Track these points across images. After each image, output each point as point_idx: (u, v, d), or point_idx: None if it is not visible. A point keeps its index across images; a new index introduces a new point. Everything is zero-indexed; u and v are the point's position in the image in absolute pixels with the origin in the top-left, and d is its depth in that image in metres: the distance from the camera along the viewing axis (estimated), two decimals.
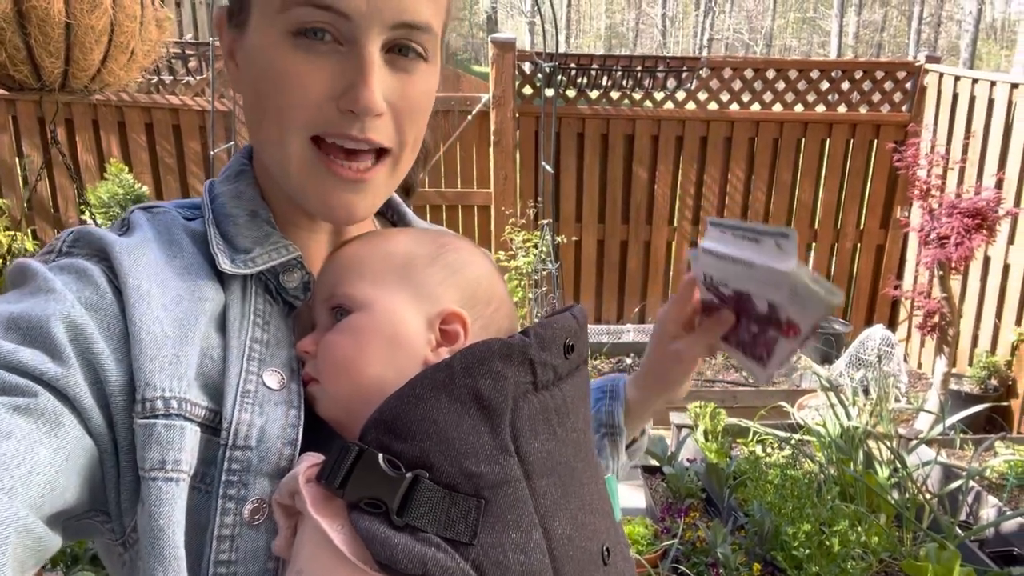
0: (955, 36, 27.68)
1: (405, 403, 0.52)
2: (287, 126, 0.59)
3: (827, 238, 4.86)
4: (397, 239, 0.65)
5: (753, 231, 0.66)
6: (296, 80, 0.57)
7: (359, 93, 0.57)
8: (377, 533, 0.49)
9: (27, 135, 4.47)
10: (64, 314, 0.53)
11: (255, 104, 0.61)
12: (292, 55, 0.57)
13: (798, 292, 0.64)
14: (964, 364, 4.17)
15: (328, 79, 0.58)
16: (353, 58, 0.57)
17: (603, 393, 0.88)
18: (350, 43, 0.58)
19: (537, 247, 4.21)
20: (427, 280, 0.61)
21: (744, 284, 0.69)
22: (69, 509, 0.52)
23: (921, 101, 4.57)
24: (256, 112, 0.61)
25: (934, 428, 3.07)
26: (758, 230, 0.66)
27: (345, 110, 0.58)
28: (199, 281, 0.59)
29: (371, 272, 0.61)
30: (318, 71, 0.57)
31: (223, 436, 0.55)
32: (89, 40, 1.90)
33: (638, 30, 32.35)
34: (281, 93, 0.58)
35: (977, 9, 20.72)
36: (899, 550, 2.28)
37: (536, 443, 0.54)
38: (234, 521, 0.54)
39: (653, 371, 0.84)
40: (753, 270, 0.66)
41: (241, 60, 0.63)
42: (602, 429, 0.86)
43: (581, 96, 4.61)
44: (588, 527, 0.56)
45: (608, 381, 0.90)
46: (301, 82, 0.57)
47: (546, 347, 0.56)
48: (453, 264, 0.63)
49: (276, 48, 0.58)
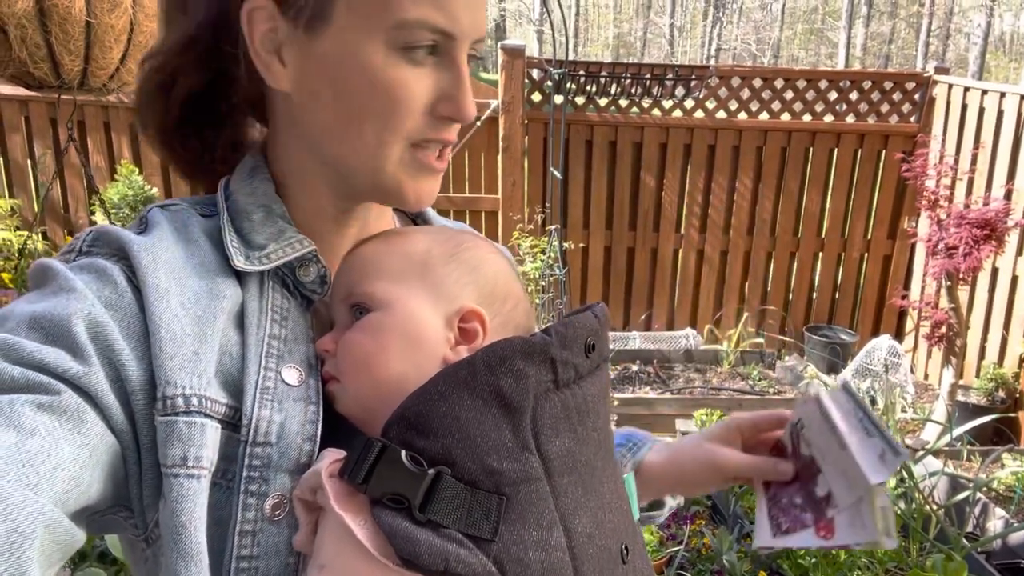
0: (964, 49, 27.67)
1: (428, 400, 0.53)
2: (390, 133, 0.61)
3: (834, 248, 4.85)
4: (415, 237, 0.66)
5: (873, 425, 0.62)
6: (403, 91, 0.60)
7: (462, 104, 0.62)
8: (400, 529, 0.49)
9: (39, 136, 4.50)
10: (85, 313, 0.53)
11: (343, 111, 0.61)
12: (397, 66, 0.59)
13: (861, 507, 0.61)
14: (971, 376, 4.15)
15: (431, 88, 0.61)
16: (451, 69, 0.61)
17: (626, 440, 0.82)
18: (446, 55, 0.61)
19: (544, 253, 4.22)
20: (445, 278, 0.62)
21: (825, 458, 0.65)
22: (93, 505, 0.53)
23: (930, 112, 4.57)
24: (345, 120, 0.61)
25: (941, 439, 3.06)
26: (878, 427, 0.62)
27: (445, 116, 0.62)
28: (217, 278, 0.60)
29: (390, 271, 0.62)
30: (422, 81, 0.60)
31: (243, 432, 0.56)
32: (109, 39, 1.93)
33: (646, 39, 32.42)
34: (385, 103, 0.60)
35: (986, 22, 20.71)
36: (905, 561, 2.27)
37: (557, 441, 0.55)
38: (255, 516, 0.55)
39: (682, 453, 0.78)
40: (844, 454, 0.62)
41: (306, 63, 0.61)
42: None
43: (590, 103, 4.62)
44: (608, 525, 0.57)
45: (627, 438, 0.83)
46: (409, 92, 0.60)
47: (567, 346, 0.56)
48: (471, 262, 0.64)
49: (377, 57, 0.59)
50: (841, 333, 4.83)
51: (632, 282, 4.87)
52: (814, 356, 4.66)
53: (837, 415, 0.64)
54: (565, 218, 4.66)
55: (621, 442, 0.81)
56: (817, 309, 4.97)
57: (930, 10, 25.20)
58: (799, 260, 4.88)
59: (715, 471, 0.73)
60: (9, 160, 4.55)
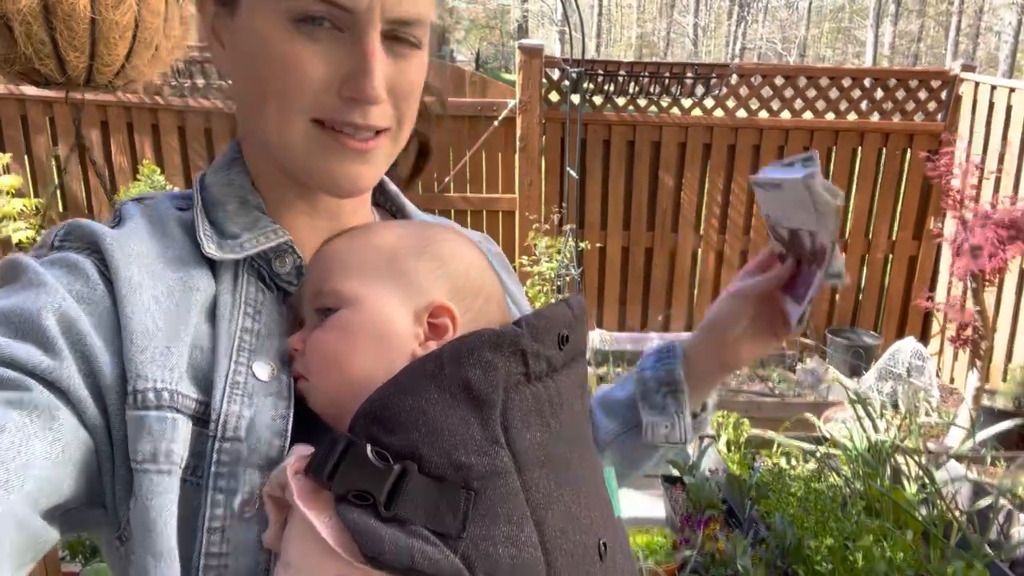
0: (994, 47, 27.17)
1: (393, 394, 0.52)
2: (289, 109, 0.59)
3: (858, 249, 4.77)
4: (383, 232, 0.65)
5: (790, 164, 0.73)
6: (297, 64, 0.57)
7: (363, 83, 0.58)
8: (364, 525, 0.48)
9: (64, 137, 4.57)
10: (56, 307, 0.53)
11: (252, 88, 0.61)
12: (292, 40, 0.57)
13: (816, 198, 0.69)
14: (997, 379, 4.06)
15: (329, 64, 0.58)
16: (354, 46, 0.58)
17: (660, 354, 0.85)
18: (350, 30, 0.58)
19: (560, 253, 4.20)
20: (414, 273, 0.61)
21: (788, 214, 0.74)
22: (66, 502, 0.52)
23: (956, 110, 4.48)
24: (254, 96, 0.61)
25: (965, 444, 2.99)
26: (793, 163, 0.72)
27: (347, 97, 0.58)
28: (191, 271, 0.59)
29: (357, 267, 0.61)
30: (319, 56, 0.58)
31: (212, 428, 0.55)
32: (114, 35, 1.93)
33: (669, 39, 32.25)
34: (282, 77, 0.58)
35: (1017, 19, 20.33)
36: (925, 568, 2.21)
37: (528, 435, 0.53)
38: (224, 513, 0.54)
39: (711, 316, 0.82)
40: (784, 189, 0.72)
41: (231, 41, 0.62)
42: (663, 388, 0.82)
43: (608, 102, 4.59)
44: (583, 521, 0.55)
45: (664, 344, 0.87)
46: (302, 66, 0.57)
47: (539, 337, 0.55)
48: (440, 256, 0.63)
49: (275, 32, 0.58)
50: (864, 336, 4.75)
51: (650, 283, 4.83)
52: (836, 359, 4.59)
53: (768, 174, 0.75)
54: (582, 218, 4.64)
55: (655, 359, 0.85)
56: (840, 311, 4.89)
57: (960, 8, 24.77)
58: None
59: (744, 303, 0.79)
60: (34, 160, 4.63)
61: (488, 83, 4.70)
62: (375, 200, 0.78)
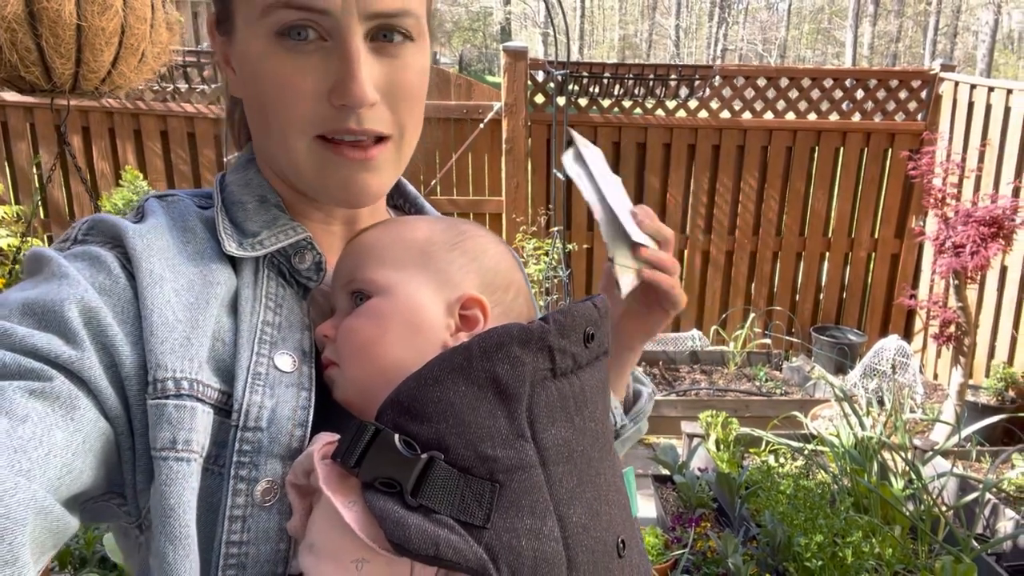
0: (971, 47, 27.52)
1: (422, 385, 0.52)
2: (289, 128, 0.60)
3: (841, 247, 4.82)
4: (417, 225, 0.66)
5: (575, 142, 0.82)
6: (286, 81, 0.58)
7: (348, 87, 0.58)
8: (390, 513, 0.48)
9: (44, 143, 4.52)
10: (78, 298, 0.53)
11: (256, 109, 0.62)
12: (279, 57, 0.58)
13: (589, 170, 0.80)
14: (981, 375, 4.11)
15: (317, 76, 0.59)
16: (338, 52, 0.58)
17: None
18: (334, 37, 0.58)
19: (548, 254, 4.21)
20: (447, 266, 0.62)
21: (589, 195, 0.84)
22: (86, 491, 0.53)
23: (936, 110, 4.54)
24: (259, 116, 0.62)
25: (950, 439, 3.03)
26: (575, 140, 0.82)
27: (339, 105, 0.59)
28: (211, 266, 0.60)
29: (391, 257, 0.62)
30: (305, 70, 0.58)
31: (234, 417, 0.56)
32: (99, 42, 1.91)
33: (651, 41, 32.37)
34: (277, 94, 0.59)
35: (994, 19, 20.61)
36: (914, 563, 2.24)
37: (553, 430, 0.54)
38: (245, 502, 0.55)
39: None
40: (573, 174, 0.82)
41: (236, 67, 0.64)
42: None
43: (593, 104, 4.61)
44: (604, 518, 0.56)
45: None
46: (291, 83, 0.58)
47: (566, 334, 0.56)
48: (472, 251, 0.64)
49: (264, 51, 0.59)
50: (849, 333, 4.80)
51: None
52: (821, 357, 4.63)
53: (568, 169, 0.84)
54: (569, 220, 4.65)
55: None
56: (824, 309, 4.94)
57: (937, 8, 25.06)
58: (805, 260, 4.85)
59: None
60: (15, 167, 4.57)
61: (473, 85, 4.69)
62: (393, 203, 0.79)
